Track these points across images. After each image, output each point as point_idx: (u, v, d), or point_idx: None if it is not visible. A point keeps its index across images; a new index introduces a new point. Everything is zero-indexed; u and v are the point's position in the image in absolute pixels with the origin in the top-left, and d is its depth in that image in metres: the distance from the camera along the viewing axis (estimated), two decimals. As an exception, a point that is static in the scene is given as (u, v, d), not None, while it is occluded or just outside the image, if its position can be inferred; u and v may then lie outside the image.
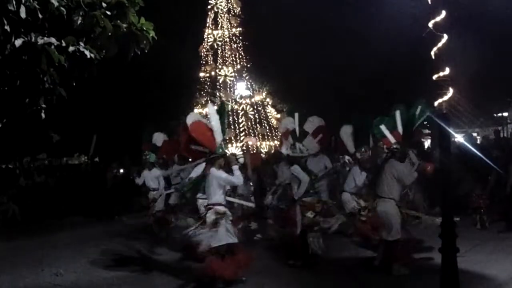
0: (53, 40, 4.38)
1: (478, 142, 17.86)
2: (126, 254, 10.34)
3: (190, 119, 8.08)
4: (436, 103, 5.75)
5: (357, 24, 21.98)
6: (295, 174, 9.14)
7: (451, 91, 5.69)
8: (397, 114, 8.71)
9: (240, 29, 34.25)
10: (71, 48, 4.47)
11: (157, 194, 12.55)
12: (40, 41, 4.32)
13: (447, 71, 5.65)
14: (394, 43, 18.90)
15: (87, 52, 4.52)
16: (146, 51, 4.99)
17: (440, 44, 5.66)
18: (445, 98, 5.76)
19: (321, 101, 23.89)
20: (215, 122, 7.90)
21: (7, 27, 4.21)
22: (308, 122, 10.29)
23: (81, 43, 4.57)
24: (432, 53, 5.74)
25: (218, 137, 7.86)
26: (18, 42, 4.25)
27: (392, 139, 8.65)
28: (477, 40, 16.90)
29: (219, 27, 34.32)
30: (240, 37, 34.43)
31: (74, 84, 4.96)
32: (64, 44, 4.46)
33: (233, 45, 34.37)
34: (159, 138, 12.83)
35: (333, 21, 24.35)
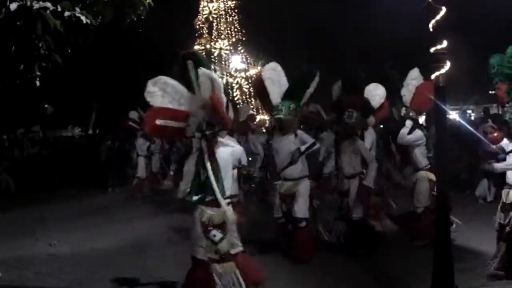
0: (48, 4, 4.29)
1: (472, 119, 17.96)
2: (120, 226, 10.36)
3: None
4: (432, 76, 5.71)
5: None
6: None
7: (448, 64, 5.68)
8: None
9: (236, 1, 33.94)
10: (67, 13, 4.38)
11: None
12: (36, 5, 4.24)
13: (444, 44, 5.64)
14: (393, 18, 18.80)
15: (83, 18, 4.44)
16: (142, 17, 4.92)
17: (438, 17, 5.64)
18: (442, 71, 5.74)
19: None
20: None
21: (2, -10, 4.14)
22: None
23: (77, 9, 4.48)
24: (430, 25, 5.71)
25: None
26: (13, 6, 4.17)
27: None
28: (477, 14, 16.85)
29: (214, 0, 33.99)
30: (236, 10, 34.13)
31: (69, 50, 4.89)
32: (60, 9, 4.37)
33: (228, 18, 34.08)
34: None
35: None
